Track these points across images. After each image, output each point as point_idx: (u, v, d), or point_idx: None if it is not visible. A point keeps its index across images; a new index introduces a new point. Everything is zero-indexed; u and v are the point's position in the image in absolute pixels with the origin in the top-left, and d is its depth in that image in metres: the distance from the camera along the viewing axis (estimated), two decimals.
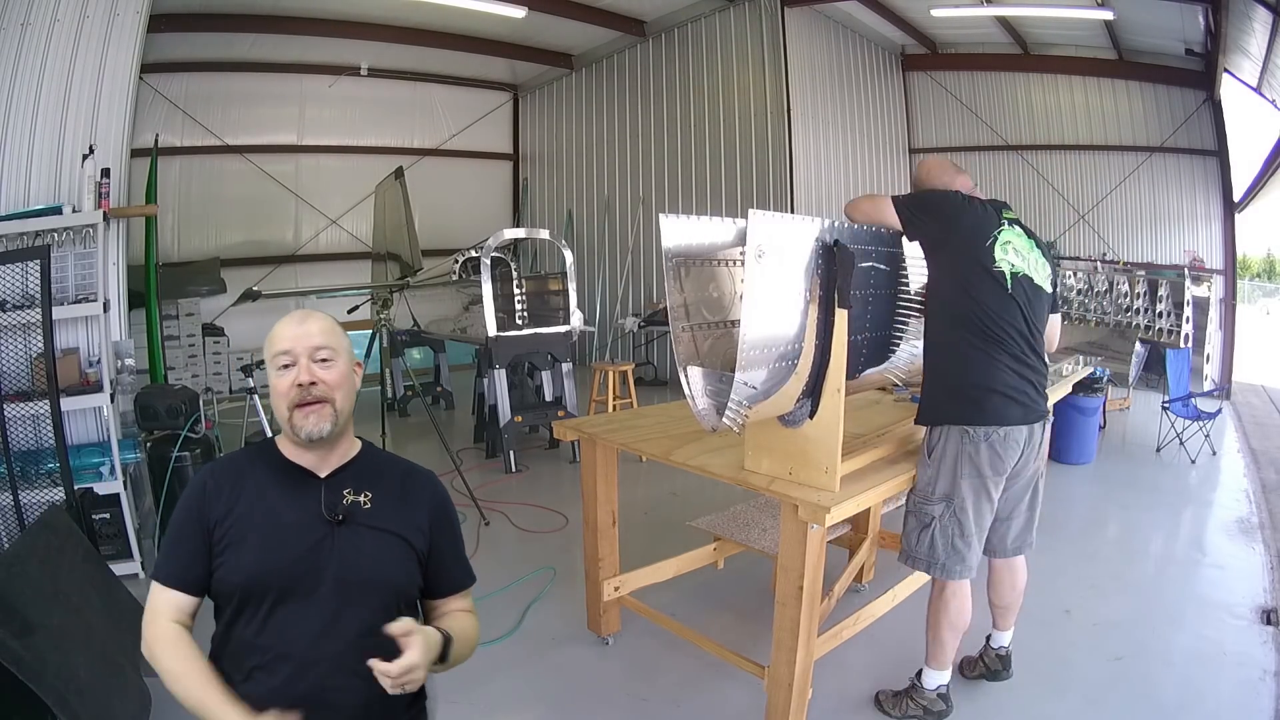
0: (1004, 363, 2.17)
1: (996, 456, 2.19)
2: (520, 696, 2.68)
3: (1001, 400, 2.17)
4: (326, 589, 1.24)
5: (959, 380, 2.21)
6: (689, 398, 2.12)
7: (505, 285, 5.51)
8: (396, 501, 1.35)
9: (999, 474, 2.22)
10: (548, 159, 11.37)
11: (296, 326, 1.31)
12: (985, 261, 2.17)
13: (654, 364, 9.41)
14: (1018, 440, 2.22)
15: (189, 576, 1.25)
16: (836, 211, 9.10)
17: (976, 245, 2.18)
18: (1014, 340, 2.19)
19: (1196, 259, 8.79)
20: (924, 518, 2.27)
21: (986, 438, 2.17)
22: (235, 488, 1.29)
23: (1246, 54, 7.31)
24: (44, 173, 3.70)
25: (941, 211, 2.24)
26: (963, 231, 2.20)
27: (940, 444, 2.23)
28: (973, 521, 2.23)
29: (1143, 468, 5.62)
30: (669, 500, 4.74)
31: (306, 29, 8.34)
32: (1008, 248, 2.21)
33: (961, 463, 2.19)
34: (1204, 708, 2.54)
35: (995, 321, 2.17)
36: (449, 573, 1.41)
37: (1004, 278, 2.18)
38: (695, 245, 2.08)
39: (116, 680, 2.11)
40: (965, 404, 2.19)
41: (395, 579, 1.31)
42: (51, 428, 2.99)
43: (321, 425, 1.28)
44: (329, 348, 1.31)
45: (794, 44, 8.05)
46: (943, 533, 2.24)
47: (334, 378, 1.30)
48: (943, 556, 2.25)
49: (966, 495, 2.21)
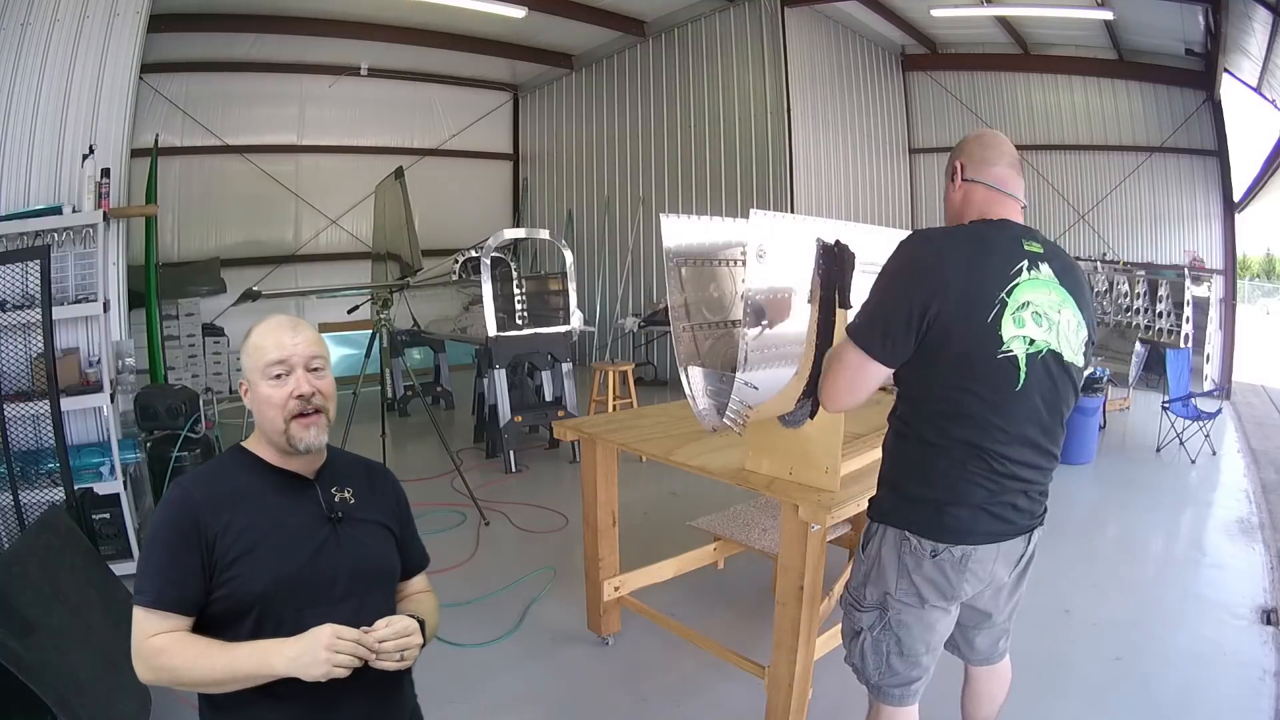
0: (983, 478, 1.52)
1: (944, 580, 1.57)
2: (520, 696, 2.68)
3: (969, 514, 1.54)
4: (342, 585, 1.25)
5: (914, 479, 1.59)
6: (690, 398, 2.12)
7: (505, 285, 5.51)
8: (370, 494, 1.38)
9: (948, 599, 1.60)
10: (548, 159, 11.38)
11: (290, 335, 1.28)
12: (987, 347, 1.46)
13: (654, 364, 9.41)
14: (984, 562, 1.57)
15: (188, 595, 1.19)
16: (837, 211, 9.12)
17: (971, 327, 1.46)
18: (1011, 449, 1.52)
19: (1196, 259, 8.79)
20: (853, 623, 1.72)
21: (934, 554, 1.55)
22: (228, 498, 1.25)
23: (1246, 54, 7.31)
24: (44, 173, 3.70)
25: (912, 312, 1.46)
26: (949, 318, 1.46)
27: (875, 537, 1.66)
28: (918, 640, 1.64)
29: (1143, 468, 5.63)
30: (669, 500, 4.74)
31: (306, 29, 8.35)
32: (1023, 315, 1.48)
33: (898, 574, 1.61)
34: (1204, 708, 2.55)
35: (988, 426, 1.50)
36: (412, 556, 1.45)
37: (1015, 366, 1.48)
38: (696, 245, 2.08)
39: (116, 680, 2.11)
40: (917, 509, 1.58)
41: (393, 564, 1.37)
42: (51, 428, 2.99)
43: (320, 436, 1.29)
44: (321, 356, 1.31)
45: (794, 44, 8.05)
46: (874, 648, 1.67)
47: (327, 388, 1.30)
48: (875, 676, 1.69)
49: (905, 615, 1.62)
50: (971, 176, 1.63)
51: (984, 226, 1.58)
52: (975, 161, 1.63)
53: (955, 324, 1.46)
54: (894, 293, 1.51)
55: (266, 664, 1.13)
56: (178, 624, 1.18)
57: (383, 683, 1.24)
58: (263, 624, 1.20)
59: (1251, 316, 15.36)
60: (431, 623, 1.35)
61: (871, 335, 1.51)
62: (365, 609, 1.24)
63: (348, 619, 1.19)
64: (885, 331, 1.49)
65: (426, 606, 1.39)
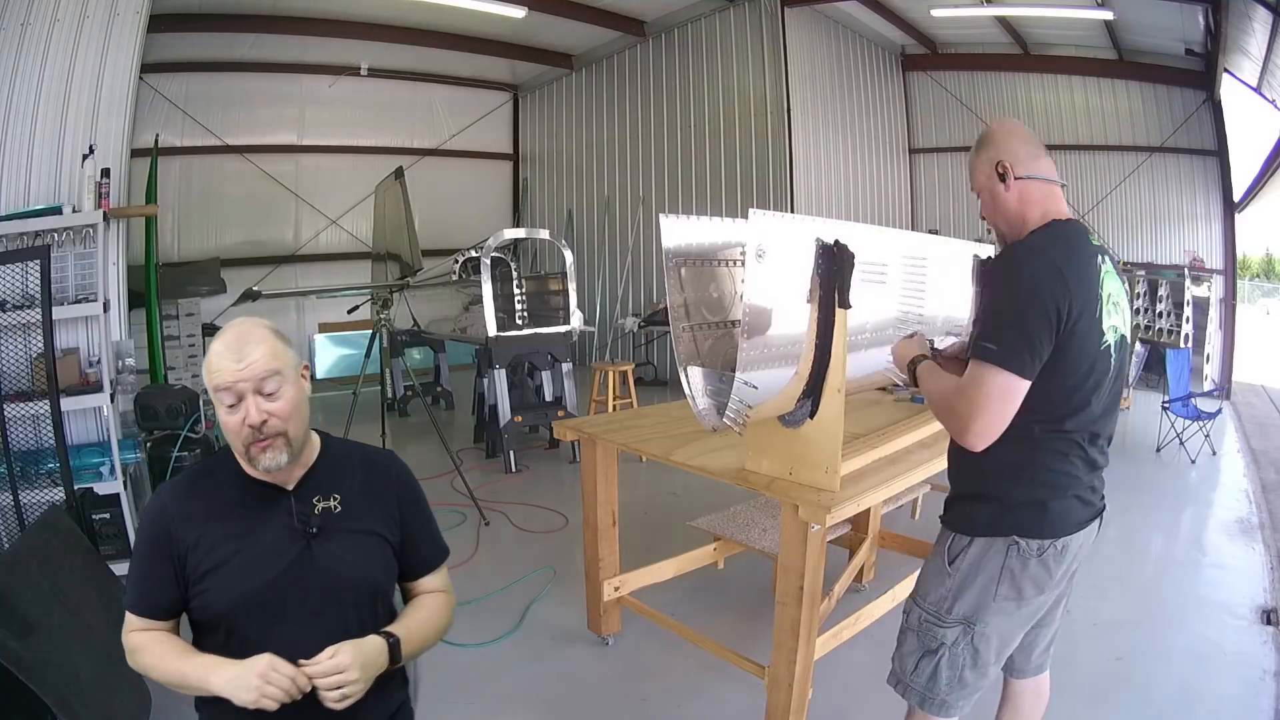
0: (1082, 457, 1.59)
1: (1046, 573, 1.61)
2: (520, 696, 2.68)
3: (1071, 504, 1.60)
4: (312, 603, 1.23)
5: (1019, 483, 1.59)
6: (689, 397, 2.12)
7: (505, 285, 5.51)
8: (364, 496, 1.33)
9: (1042, 593, 1.64)
10: (548, 159, 11.37)
11: (235, 360, 1.18)
12: (1095, 340, 1.53)
13: (654, 364, 9.41)
14: (1073, 548, 1.64)
15: (161, 603, 1.24)
16: (837, 211, 9.11)
17: (1089, 326, 1.51)
18: (1104, 432, 1.63)
19: (1196, 259, 8.79)
20: (930, 641, 1.68)
21: (1040, 552, 1.59)
22: (202, 511, 1.25)
23: (1246, 54, 7.31)
24: (44, 173, 3.70)
25: (1048, 325, 1.47)
26: (1079, 319, 1.49)
27: (972, 554, 1.64)
28: (994, 651, 1.66)
29: (1143, 468, 5.62)
30: (669, 500, 4.74)
31: (306, 29, 8.35)
32: (1110, 307, 1.56)
33: (1000, 581, 1.60)
34: (1204, 708, 2.55)
35: (1084, 409, 1.56)
36: (420, 553, 1.40)
37: (1109, 355, 1.56)
38: (695, 245, 2.08)
39: (116, 680, 2.11)
40: (1023, 512, 1.59)
41: (375, 578, 1.32)
42: (51, 428, 2.98)
43: (279, 458, 1.22)
44: (274, 373, 1.21)
45: (794, 44, 8.05)
46: (951, 664, 1.65)
47: (284, 408, 1.21)
48: (944, 692, 1.67)
49: (995, 621, 1.63)
50: (1024, 174, 1.61)
51: (1061, 227, 1.58)
52: (1022, 159, 1.62)
53: (1081, 325, 1.49)
54: (1029, 308, 1.48)
55: (207, 680, 1.16)
56: (155, 625, 1.25)
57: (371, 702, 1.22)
58: (230, 638, 1.22)
59: (1251, 316, 15.35)
60: (422, 633, 1.31)
61: (1017, 356, 1.47)
62: (335, 628, 1.22)
63: (316, 638, 1.18)
64: (1031, 349, 1.47)
65: (422, 615, 1.35)
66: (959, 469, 1.71)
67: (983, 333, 1.53)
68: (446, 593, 1.43)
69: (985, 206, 1.70)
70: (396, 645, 1.23)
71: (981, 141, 1.68)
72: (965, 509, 1.68)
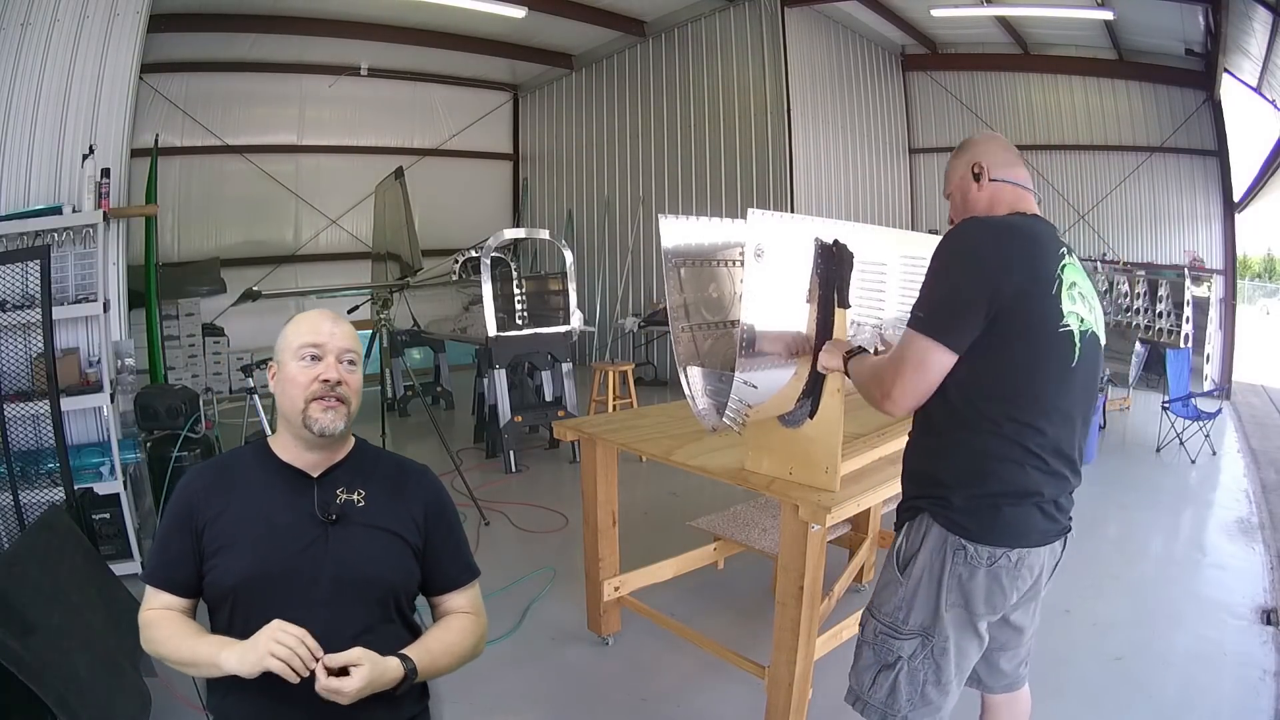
0: (1042, 462, 1.47)
1: (998, 589, 1.50)
2: (520, 696, 2.68)
3: (1029, 512, 1.49)
4: (322, 590, 1.23)
5: (962, 480, 1.50)
6: (689, 398, 2.12)
7: (505, 285, 5.51)
8: (390, 498, 1.34)
9: (995, 611, 1.54)
10: (548, 159, 11.37)
11: (330, 324, 1.32)
12: (1051, 320, 1.44)
13: (654, 364, 9.41)
14: (1033, 567, 1.53)
15: (177, 578, 1.26)
16: (836, 211, 9.13)
17: (1040, 300, 1.44)
18: (1064, 431, 1.50)
19: (1196, 259, 8.79)
20: (886, 655, 1.59)
21: (990, 561, 1.48)
22: (226, 490, 1.29)
23: (1246, 54, 7.31)
24: (44, 173, 3.70)
25: (982, 293, 1.42)
26: (1026, 294, 1.43)
27: (920, 554, 1.55)
28: (954, 665, 1.56)
29: (1142, 468, 5.63)
30: (669, 500, 4.74)
31: (306, 29, 8.35)
32: (1073, 293, 1.48)
33: (946, 586, 1.51)
34: (1204, 708, 2.55)
35: (1047, 405, 1.47)
36: (444, 570, 1.39)
37: (1071, 342, 1.46)
38: (694, 245, 2.08)
39: (116, 680, 2.11)
40: (973, 511, 1.49)
41: (390, 577, 1.31)
42: (51, 428, 2.98)
43: (337, 423, 1.28)
44: (355, 352, 1.34)
45: (794, 44, 8.05)
46: (911, 679, 1.56)
47: (355, 383, 1.33)
48: (905, 708, 1.57)
49: (950, 633, 1.54)
50: (998, 177, 1.62)
51: (1022, 217, 1.56)
52: (999, 164, 1.63)
53: (1026, 298, 1.42)
54: (961, 277, 1.45)
55: (217, 657, 1.16)
56: (172, 602, 1.26)
57: (383, 702, 1.21)
58: (235, 616, 1.23)
59: (1251, 316, 15.36)
60: (449, 658, 1.30)
61: (940, 323, 1.44)
62: (343, 619, 1.21)
63: (322, 624, 1.17)
64: (960, 318, 1.43)
65: (448, 640, 1.32)
66: (908, 466, 1.65)
67: (917, 301, 1.51)
68: (476, 615, 1.41)
69: (954, 208, 1.71)
70: (412, 673, 1.22)
71: (962, 146, 1.70)
72: (910, 506, 1.62)
